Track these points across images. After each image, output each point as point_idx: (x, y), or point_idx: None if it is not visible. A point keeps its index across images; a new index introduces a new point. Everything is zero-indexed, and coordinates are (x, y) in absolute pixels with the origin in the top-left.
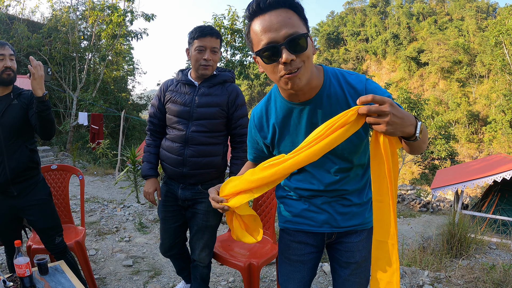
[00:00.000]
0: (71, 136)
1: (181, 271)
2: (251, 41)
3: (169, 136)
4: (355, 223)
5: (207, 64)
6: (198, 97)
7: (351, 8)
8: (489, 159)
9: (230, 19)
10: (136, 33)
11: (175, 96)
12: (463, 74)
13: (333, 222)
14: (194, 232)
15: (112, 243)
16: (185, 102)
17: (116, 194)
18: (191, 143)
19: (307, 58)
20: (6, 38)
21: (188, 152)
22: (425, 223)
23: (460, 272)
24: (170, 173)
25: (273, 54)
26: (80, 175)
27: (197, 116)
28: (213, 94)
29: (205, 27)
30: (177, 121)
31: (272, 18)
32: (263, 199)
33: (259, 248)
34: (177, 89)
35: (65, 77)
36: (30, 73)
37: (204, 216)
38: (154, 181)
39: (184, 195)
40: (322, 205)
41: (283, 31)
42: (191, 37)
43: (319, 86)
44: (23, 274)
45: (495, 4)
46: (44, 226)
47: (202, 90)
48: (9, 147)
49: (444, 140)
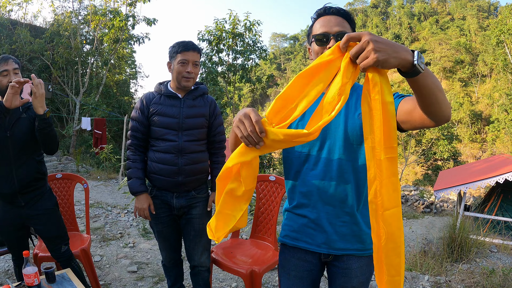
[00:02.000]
0: (74, 140)
1: (176, 281)
2: (312, 31)
3: (159, 148)
4: (354, 247)
5: (189, 76)
6: (185, 109)
7: (353, 9)
8: (492, 160)
9: (231, 23)
10: (138, 38)
11: (162, 109)
12: (465, 73)
13: (330, 243)
14: (191, 237)
15: (117, 249)
16: (173, 114)
17: (120, 199)
18: (184, 152)
19: None
20: (9, 43)
21: (183, 161)
22: (428, 224)
23: (460, 277)
24: (163, 184)
25: (324, 40)
26: (85, 184)
27: (187, 127)
28: (197, 105)
29: (187, 42)
30: (166, 132)
31: (331, 19)
32: (265, 206)
33: (261, 255)
34: (162, 101)
35: (68, 82)
36: (32, 92)
37: (199, 219)
38: (147, 196)
39: (179, 203)
40: (320, 220)
41: (336, 28)
42: (174, 51)
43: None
44: (32, 283)
45: (496, 3)
46: (51, 235)
47: (188, 102)
48: (17, 159)
49: (447, 141)
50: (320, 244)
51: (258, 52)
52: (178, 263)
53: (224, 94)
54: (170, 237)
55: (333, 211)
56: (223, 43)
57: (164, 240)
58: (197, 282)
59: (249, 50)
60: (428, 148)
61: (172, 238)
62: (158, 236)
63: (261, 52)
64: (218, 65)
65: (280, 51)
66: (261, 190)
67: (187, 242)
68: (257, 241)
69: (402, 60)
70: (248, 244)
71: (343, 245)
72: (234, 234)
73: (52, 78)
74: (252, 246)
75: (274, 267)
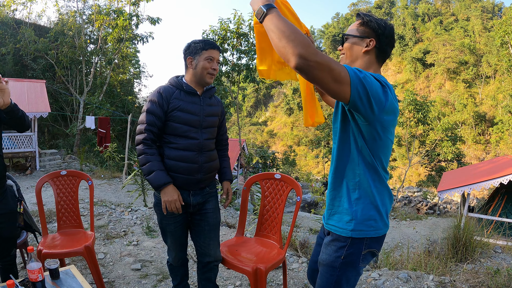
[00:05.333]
0: (78, 139)
1: (182, 280)
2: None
3: (179, 145)
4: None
5: (213, 73)
6: (205, 107)
7: (356, 10)
8: (495, 161)
9: (236, 23)
10: (142, 37)
11: (183, 105)
12: (469, 74)
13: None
14: (206, 232)
15: (121, 247)
16: (195, 111)
17: (124, 197)
18: (204, 150)
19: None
20: (13, 42)
21: (203, 158)
22: (432, 226)
23: (464, 277)
24: (182, 182)
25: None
26: (90, 181)
27: (206, 125)
28: (213, 104)
29: (213, 41)
30: (188, 129)
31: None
32: (270, 204)
33: (266, 253)
34: (183, 97)
35: (72, 81)
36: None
37: (213, 214)
38: (174, 187)
39: (196, 200)
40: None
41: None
42: (199, 48)
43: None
44: (36, 279)
45: (501, 4)
46: (9, 236)
47: (206, 100)
48: None
49: (451, 142)
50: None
51: None
52: (185, 262)
53: (228, 94)
54: (181, 237)
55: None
56: (227, 43)
57: (176, 240)
58: (209, 278)
59: (254, 50)
60: (431, 149)
61: (183, 238)
62: (171, 236)
63: None
64: (222, 64)
65: None
66: (266, 188)
67: (201, 238)
68: (262, 239)
69: (254, 8)
70: (253, 242)
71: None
72: (239, 232)
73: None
74: (257, 244)
75: (279, 265)
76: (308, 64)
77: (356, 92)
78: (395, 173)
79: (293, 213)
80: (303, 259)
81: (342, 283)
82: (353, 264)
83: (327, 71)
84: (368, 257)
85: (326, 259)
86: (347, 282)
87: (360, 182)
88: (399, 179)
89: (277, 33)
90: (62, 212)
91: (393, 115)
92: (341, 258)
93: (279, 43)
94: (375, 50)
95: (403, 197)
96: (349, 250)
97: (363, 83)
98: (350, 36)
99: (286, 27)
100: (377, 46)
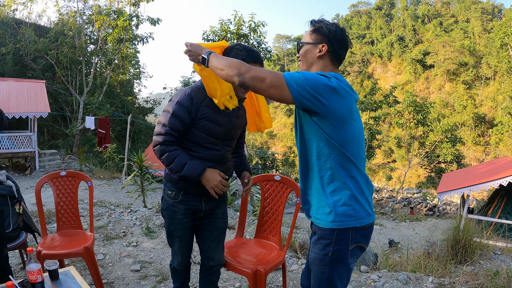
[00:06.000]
0: (77, 139)
1: (184, 283)
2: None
3: (200, 155)
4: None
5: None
6: (233, 119)
7: (356, 11)
8: (495, 163)
9: (236, 24)
10: (142, 37)
11: (212, 116)
12: (469, 76)
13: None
14: (214, 237)
15: (120, 248)
16: (223, 123)
17: (123, 198)
18: (223, 161)
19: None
20: (13, 42)
21: (221, 168)
22: (431, 227)
23: (464, 278)
24: (197, 189)
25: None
26: (89, 182)
27: (229, 137)
28: (240, 116)
29: (258, 54)
30: (211, 140)
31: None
32: (270, 206)
33: (266, 255)
34: (213, 106)
35: (72, 81)
36: None
37: (222, 219)
38: (211, 170)
39: (207, 206)
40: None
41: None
42: (240, 57)
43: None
44: (35, 280)
45: (501, 5)
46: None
47: (235, 112)
48: None
49: (451, 143)
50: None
51: (263, 53)
52: (188, 265)
53: None
54: (189, 242)
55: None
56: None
57: (183, 245)
58: (212, 281)
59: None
60: (431, 151)
61: (190, 242)
62: (180, 240)
63: (265, 53)
64: None
65: (284, 53)
66: (266, 190)
67: (208, 242)
68: (262, 241)
69: (198, 59)
70: (252, 243)
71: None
72: (238, 233)
73: (56, 77)
74: (257, 245)
75: (279, 267)
76: (244, 79)
77: (296, 91)
78: (395, 174)
79: (293, 214)
80: (303, 261)
81: (335, 280)
82: (342, 260)
83: (261, 80)
84: (357, 252)
85: (315, 258)
86: (339, 278)
87: (333, 175)
88: (399, 181)
89: (219, 67)
90: (62, 212)
91: (347, 97)
92: (329, 255)
93: (223, 73)
94: (329, 54)
95: (402, 199)
96: (336, 246)
97: (300, 82)
98: (304, 43)
99: (224, 60)
100: (330, 50)
